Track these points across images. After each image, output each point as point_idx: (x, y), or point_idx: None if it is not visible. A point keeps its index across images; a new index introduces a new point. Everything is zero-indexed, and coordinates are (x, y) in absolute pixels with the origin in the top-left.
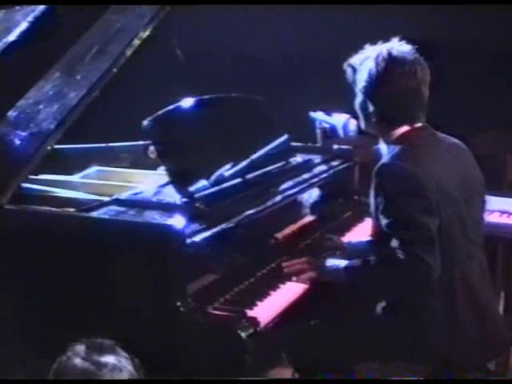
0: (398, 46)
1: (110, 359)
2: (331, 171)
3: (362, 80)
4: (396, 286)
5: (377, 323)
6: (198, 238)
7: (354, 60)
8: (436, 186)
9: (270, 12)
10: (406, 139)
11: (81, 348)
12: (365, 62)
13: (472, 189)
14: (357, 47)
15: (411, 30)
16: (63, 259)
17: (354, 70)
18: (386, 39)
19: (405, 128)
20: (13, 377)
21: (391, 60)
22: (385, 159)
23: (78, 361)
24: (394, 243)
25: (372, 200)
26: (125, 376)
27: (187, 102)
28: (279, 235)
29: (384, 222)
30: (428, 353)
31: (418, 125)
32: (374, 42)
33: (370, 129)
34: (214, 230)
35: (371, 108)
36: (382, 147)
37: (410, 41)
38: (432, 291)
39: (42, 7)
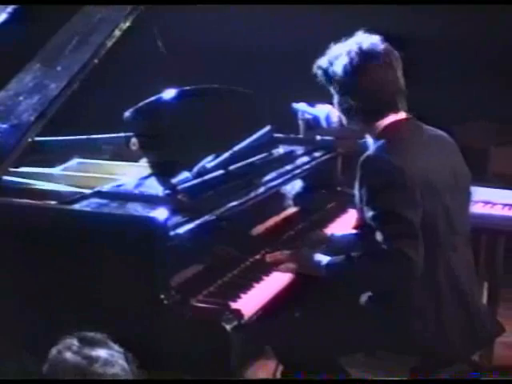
0: (367, 39)
1: (101, 353)
2: (314, 162)
3: (336, 78)
4: (378, 280)
5: (361, 314)
6: (181, 230)
7: (322, 62)
8: (421, 178)
9: (256, 5)
10: (391, 131)
11: (72, 341)
12: (336, 60)
13: (458, 181)
14: (341, 38)
15: (395, 22)
16: (45, 253)
17: (325, 70)
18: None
19: (389, 119)
20: (4, 376)
21: (364, 53)
22: (369, 151)
23: (69, 355)
24: (378, 236)
25: (357, 192)
26: (117, 370)
27: (169, 93)
28: (258, 229)
29: (368, 214)
30: (413, 344)
31: (403, 116)
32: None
33: (354, 125)
34: (197, 221)
35: (352, 103)
36: (369, 140)
37: (384, 32)
38: (416, 283)
39: None
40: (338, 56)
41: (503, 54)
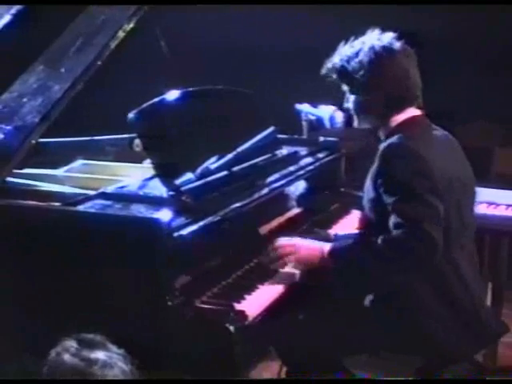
0: (383, 36)
1: (100, 355)
2: (318, 163)
3: (359, 74)
4: (397, 263)
5: (365, 315)
6: (184, 232)
7: (337, 60)
8: (440, 171)
9: (258, 4)
10: (406, 126)
11: (71, 343)
12: (357, 56)
13: (465, 179)
14: (345, 38)
15: (398, 22)
16: (49, 254)
17: (343, 67)
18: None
19: (407, 113)
20: (4, 376)
21: (387, 48)
22: (391, 140)
23: (67, 357)
24: (397, 220)
25: (370, 182)
26: (116, 372)
27: (173, 95)
28: (262, 230)
29: (390, 201)
30: (418, 343)
31: (418, 113)
32: (362, 33)
33: (366, 123)
34: (201, 223)
35: (373, 98)
36: (381, 136)
37: (394, 32)
38: (423, 282)
39: None
40: (358, 52)
41: (504, 53)
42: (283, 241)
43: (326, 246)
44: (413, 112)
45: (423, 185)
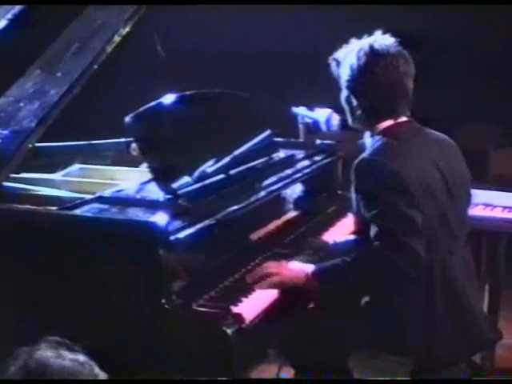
0: (381, 40)
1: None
2: (314, 166)
3: (344, 74)
4: (381, 278)
5: (356, 316)
6: (181, 235)
7: (339, 54)
8: (417, 181)
9: (254, 7)
10: (389, 133)
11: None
12: (348, 56)
13: (457, 184)
14: (341, 42)
15: (397, 23)
16: (46, 258)
17: (338, 63)
18: (371, 33)
19: (389, 122)
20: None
21: (372, 54)
22: (363, 154)
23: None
24: (375, 232)
25: (353, 195)
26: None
27: (169, 98)
28: (259, 233)
29: (368, 215)
30: (407, 345)
31: (403, 119)
32: (360, 35)
33: (356, 123)
34: (198, 226)
35: (355, 102)
36: (367, 141)
37: (394, 34)
38: (410, 286)
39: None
40: (350, 51)
41: (503, 54)
42: (270, 263)
43: (310, 268)
44: (399, 118)
45: (397, 198)
